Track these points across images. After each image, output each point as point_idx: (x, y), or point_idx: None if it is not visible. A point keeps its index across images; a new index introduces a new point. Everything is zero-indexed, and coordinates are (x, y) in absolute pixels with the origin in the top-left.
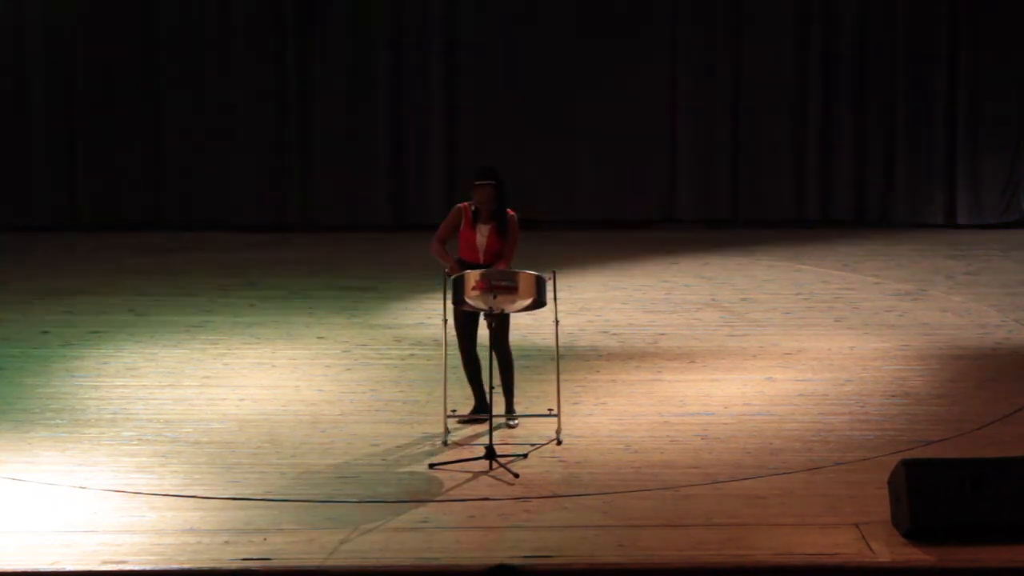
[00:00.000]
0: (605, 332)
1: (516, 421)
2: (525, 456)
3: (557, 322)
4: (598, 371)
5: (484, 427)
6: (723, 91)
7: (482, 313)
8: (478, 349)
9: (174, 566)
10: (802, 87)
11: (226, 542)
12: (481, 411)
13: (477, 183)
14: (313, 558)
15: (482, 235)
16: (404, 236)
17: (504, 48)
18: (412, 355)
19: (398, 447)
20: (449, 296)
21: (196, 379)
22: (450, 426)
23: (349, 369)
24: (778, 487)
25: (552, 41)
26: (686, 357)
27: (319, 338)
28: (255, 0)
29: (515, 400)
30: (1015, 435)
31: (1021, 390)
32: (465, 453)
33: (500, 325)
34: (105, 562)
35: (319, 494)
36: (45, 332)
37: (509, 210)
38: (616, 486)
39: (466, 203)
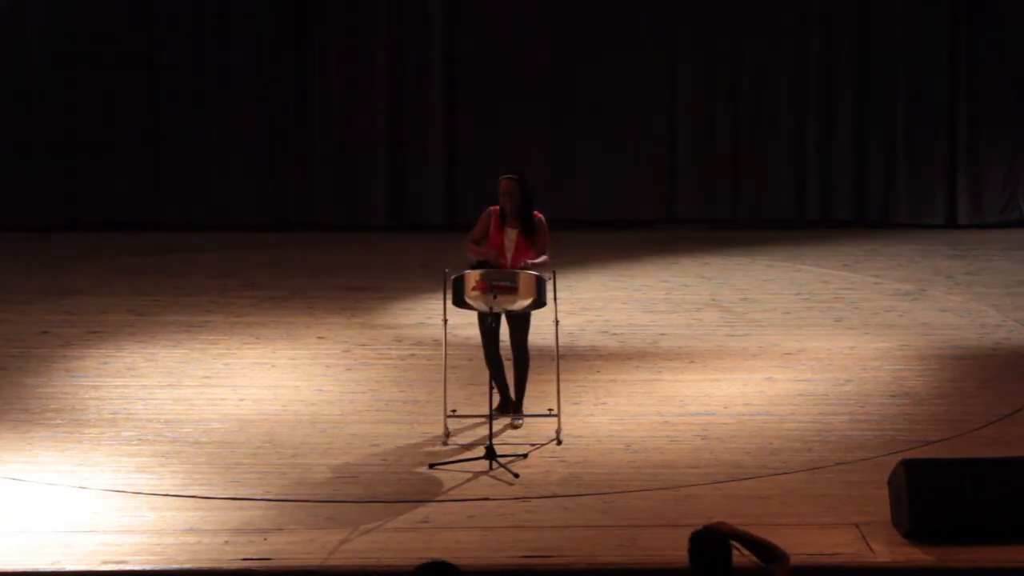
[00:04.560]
0: (605, 332)
1: (521, 420)
2: (525, 456)
3: (557, 322)
4: (598, 371)
5: (484, 427)
6: (723, 91)
7: (503, 314)
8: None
9: (174, 566)
10: (802, 87)
11: (226, 542)
12: (505, 406)
13: (501, 177)
14: (313, 558)
15: (509, 239)
16: (404, 236)
17: (504, 48)
18: (412, 355)
19: (398, 447)
20: (449, 296)
21: (196, 379)
22: (450, 426)
23: (349, 369)
24: (778, 487)
25: (552, 41)
26: (686, 357)
27: (319, 338)
28: (255, 0)
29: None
30: (1015, 435)
31: (1021, 390)
32: (465, 453)
33: (518, 324)
34: (105, 562)
35: (319, 494)
36: (45, 332)
37: (536, 212)
38: (616, 486)
39: (495, 207)
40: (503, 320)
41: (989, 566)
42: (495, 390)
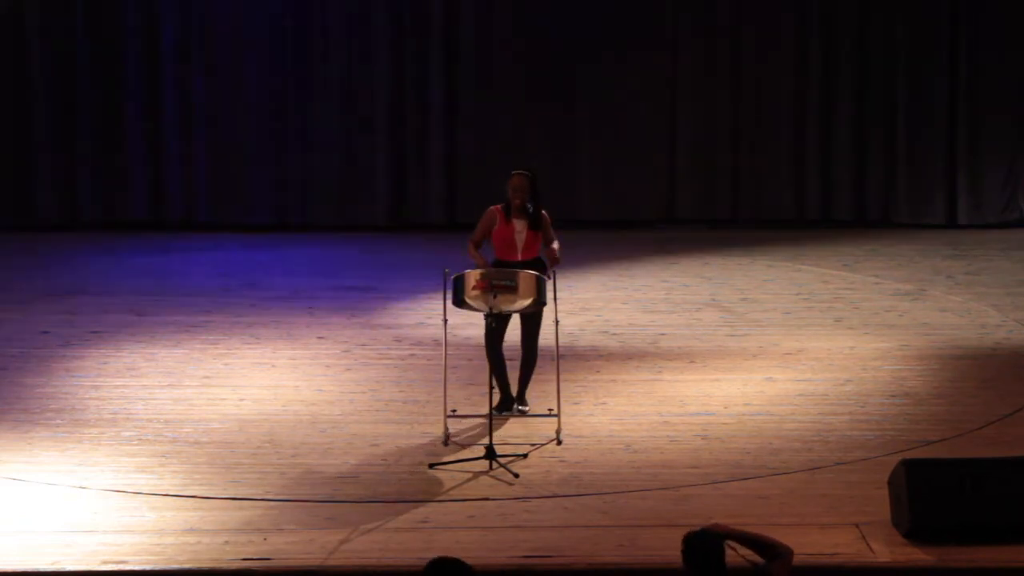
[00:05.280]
0: (605, 332)
1: (526, 407)
2: (525, 456)
3: (557, 322)
4: (598, 371)
5: (484, 427)
6: (723, 91)
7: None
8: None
9: (174, 566)
10: (802, 87)
11: (226, 542)
12: (506, 404)
13: (513, 172)
14: (313, 558)
15: (519, 231)
16: (404, 236)
17: (504, 48)
18: (412, 355)
19: (398, 447)
20: (449, 296)
21: (196, 379)
22: (450, 426)
23: (349, 369)
24: (778, 487)
25: (552, 42)
26: (686, 357)
27: (319, 338)
28: (255, 1)
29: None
30: (1015, 435)
31: (1021, 390)
32: (465, 453)
33: (531, 326)
34: (105, 562)
35: (319, 494)
36: (45, 332)
37: (541, 208)
38: (616, 486)
39: (498, 205)
40: (517, 319)
41: (989, 566)
42: (495, 389)
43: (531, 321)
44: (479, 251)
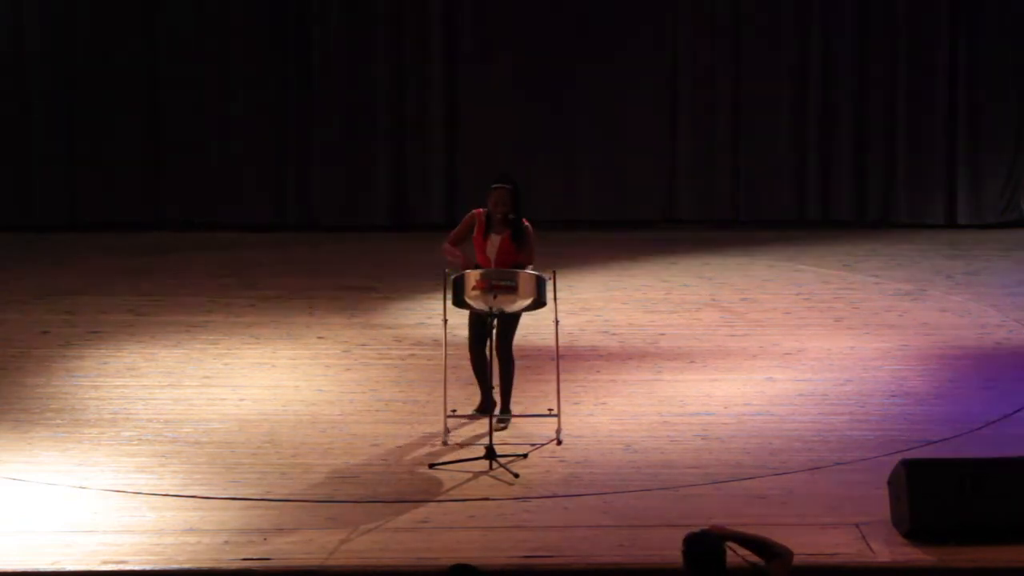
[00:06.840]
0: (605, 332)
1: (504, 423)
2: (525, 456)
3: (557, 322)
4: (598, 371)
5: (484, 427)
6: (723, 91)
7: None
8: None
9: (174, 566)
10: (802, 87)
11: (226, 542)
12: (486, 409)
13: (494, 186)
14: (313, 558)
15: (493, 245)
16: (404, 236)
17: (504, 48)
18: (412, 355)
19: (398, 447)
20: (449, 296)
21: (196, 379)
22: (450, 426)
23: (349, 369)
24: (778, 487)
25: (552, 41)
26: (686, 357)
27: (319, 338)
28: (255, 2)
29: (513, 400)
30: (1015, 435)
31: (1021, 390)
32: (465, 453)
33: (506, 327)
34: (105, 562)
35: (319, 494)
36: (45, 332)
37: (524, 220)
38: (616, 486)
39: (481, 210)
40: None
41: (989, 566)
42: (495, 388)
43: (508, 327)
44: (456, 248)
